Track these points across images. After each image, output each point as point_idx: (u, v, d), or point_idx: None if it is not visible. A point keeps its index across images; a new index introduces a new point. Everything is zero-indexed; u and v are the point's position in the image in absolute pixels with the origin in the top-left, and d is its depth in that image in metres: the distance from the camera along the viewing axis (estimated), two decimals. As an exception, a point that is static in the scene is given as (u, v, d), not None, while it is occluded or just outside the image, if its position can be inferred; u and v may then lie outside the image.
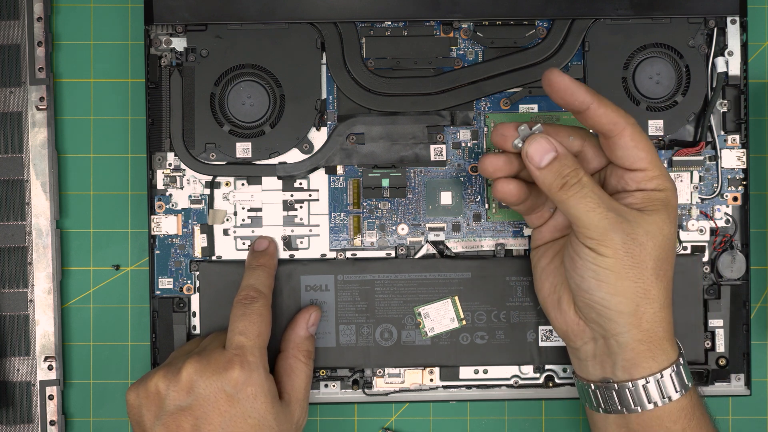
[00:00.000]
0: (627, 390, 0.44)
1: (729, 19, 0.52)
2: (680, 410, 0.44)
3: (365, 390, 0.52)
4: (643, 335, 0.44)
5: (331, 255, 0.52)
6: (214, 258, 0.52)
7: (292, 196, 0.52)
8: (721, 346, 0.52)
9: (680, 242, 0.52)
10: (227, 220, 0.52)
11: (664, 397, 0.44)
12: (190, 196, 0.52)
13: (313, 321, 0.49)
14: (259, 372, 0.45)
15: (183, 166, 0.52)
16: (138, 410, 0.45)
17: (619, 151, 0.44)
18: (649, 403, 0.44)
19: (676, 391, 0.44)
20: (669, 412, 0.44)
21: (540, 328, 0.52)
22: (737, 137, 0.52)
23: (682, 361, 0.45)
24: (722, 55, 0.52)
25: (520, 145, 0.45)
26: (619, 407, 0.45)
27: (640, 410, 0.44)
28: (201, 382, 0.44)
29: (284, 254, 0.52)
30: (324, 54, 0.52)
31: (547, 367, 0.52)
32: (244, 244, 0.52)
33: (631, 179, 0.45)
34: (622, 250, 0.43)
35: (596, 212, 0.42)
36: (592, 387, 0.46)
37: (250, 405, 0.44)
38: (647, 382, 0.44)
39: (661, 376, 0.44)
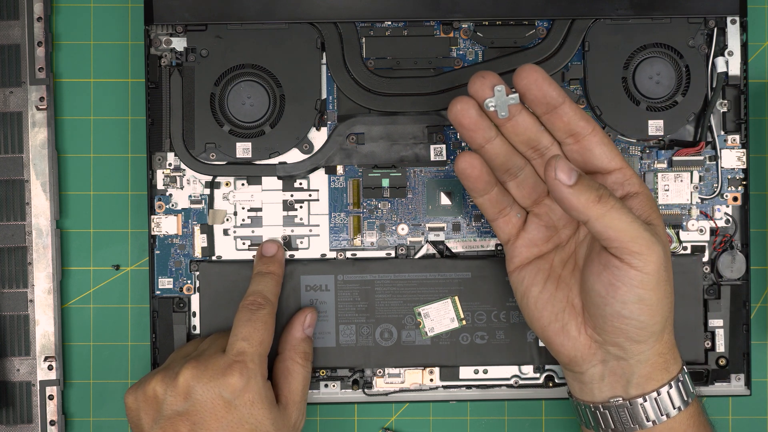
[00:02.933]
0: (640, 406, 0.43)
1: (729, 19, 0.52)
2: (689, 417, 0.44)
3: (365, 390, 0.52)
4: (663, 347, 0.44)
5: (331, 255, 0.52)
6: (214, 258, 0.52)
7: (292, 196, 0.52)
8: (721, 346, 0.52)
9: (680, 242, 0.52)
10: (227, 220, 0.52)
11: (674, 408, 0.44)
12: (190, 196, 0.52)
13: (309, 322, 0.49)
14: (258, 379, 0.45)
15: (183, 166, 0.52)
16: (136, 413, 0.45)
17: (597, 149, 0.43)
18: (662, 414, 0.43)
19: (684, 400, 0.44)
20: (680, 421, 0.44)
21: (540, 328, 0.52)
22: (737, 137, 0.52)
23: (685, 369, 0.45)
24: (722, 55, 0.52)
25: (491, 106, 0.43)
26: (632, 425, 0.44)
27: (653, 424, 0.43)
28: (198, 388, 0.44)
29: (285, 254, 0.52)
30: (324, 54, 0.52)
31: (547, 367, 0.52)
32: (244, 244, 0.52)
33: (614, 182, 0.44)
34: (663, 265, 0.41)
35: (638, 222, 0.41)
36: (601, 409, 0.45)
37: (247, 411, 0.44)
38: (659, 395, 0.43)
39: (671, 387, 0.44)
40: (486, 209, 0.47)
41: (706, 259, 0.52)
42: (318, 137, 0.52)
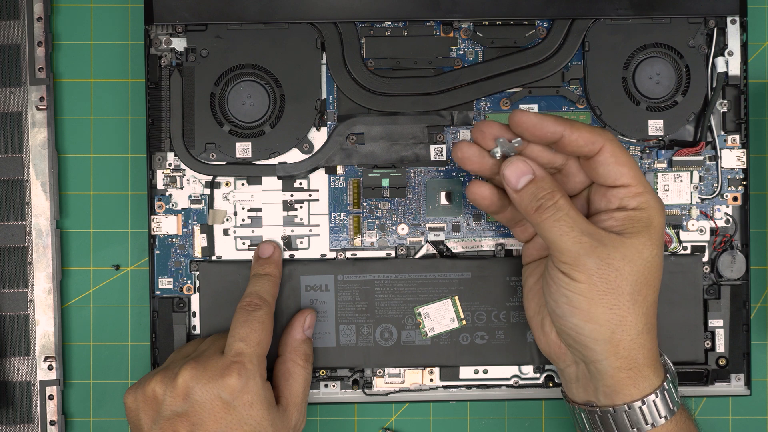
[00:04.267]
0: (609, 415, 0.44)
1: (729, 19, 0.52)
2: None
3: (365, 390, 0.52)
4: (622, 363, 0.43)
5: (331, 255, 0.52)
6: (214, 258, 0.52)
7: (292, 196, 0.52)
8: (721, 346, 0.52)
9: (680, 242, 0.52)
10: (227, 220, 0.52)
11: (647, 423, 0.43)
12: (190, 196, 0.52)
13: (309, 324, 0.49)
14: (256, 380, 0.45)
15: (183, 166, 0.52)
16: (136, 413, 0.45)
17: (601, 168, 0.44)
18: (633, 428, 0.43)
19: (660, 417, 0.43)
20: None
21: (540, 328, 0.52)
22: (737, 137, 0.52)
23: (667, 386, 0.44)
24: (722, 55, 0.52)
25: (497, 155, 0.45)
26: (603, 431, 0.44)
27: None
28: (197, 389, 0.44)
29: (284, 254, 0.52)
30: (324, 54, 0.52)
31: (547, 367, 0.52)
32: (244, 244, 0.52)
33: (613, 196, 0.44)
34: (596, 275, 0.42)
35: (569, 236, 0.42)
36: (577, 409, 0.46)
37: (246, 412, 0.44)
38: (629, 409, 0.43)
39: (643, 403, 0.43)
40: (502, 222, 0.49)
41: (706, 259, 0.52)
42: (318, 137, 0.52)
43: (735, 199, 0.52)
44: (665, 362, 0.46)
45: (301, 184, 0.52)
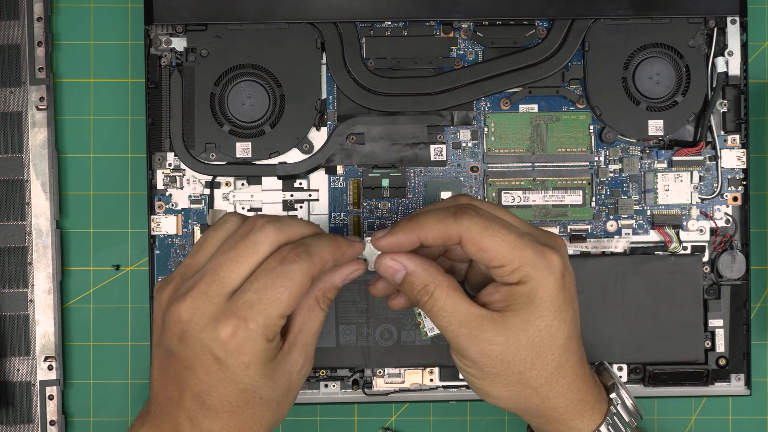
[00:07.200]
0: None
1: (729, 19, 0.52)
2: None
3: (365, 390, 0.52)
4: (540, 420, 0.43)
5: (331, 255, 0.52)
6: (214, 258, 0.52)
7: (292, 196, 0.52)
8: (721, 346, 0.52)
9: (680, 242, 0.52)
10: (227, 220, 0.52)
11: None
12: (190, 196, 0.52)
13: (353, 278, 0.43)
14: (256, 343, 0.38)
15: (183, 166, 0.52)
16: (157, 314, 0.41)
17: (468, 255, 0.41)
18: None
19: None
20: None
21: (540, 328, 0.51)
22: (737, 137, 0.52)
23: (611, 420, 0.43)
24: (722, 55, 0.52)
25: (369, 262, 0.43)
26: None
27: None
28: (189, 333, 0.39)
29: (284, 254, 0.52)
30: (324, 54, 0.52)
31: (547, 367, 0.52)
32: (244, 244, 0.52)
33: (494, 273, 0.41)
34: (480, 362, 0.41)
35: (448, 329, 0.41)
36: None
37: (242, 372, 0.39)
38: None
39: None
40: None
41: (706, 259, 0.52)
42: (318, 137, 0.52)
43: (735, 199, 0.52)
44: (613, 390, 0.44)
45: (301, 184, 0.52)
